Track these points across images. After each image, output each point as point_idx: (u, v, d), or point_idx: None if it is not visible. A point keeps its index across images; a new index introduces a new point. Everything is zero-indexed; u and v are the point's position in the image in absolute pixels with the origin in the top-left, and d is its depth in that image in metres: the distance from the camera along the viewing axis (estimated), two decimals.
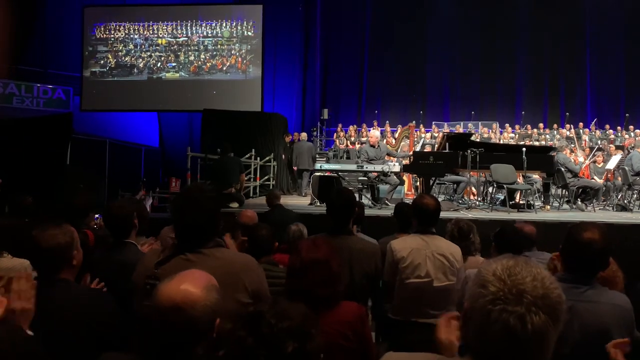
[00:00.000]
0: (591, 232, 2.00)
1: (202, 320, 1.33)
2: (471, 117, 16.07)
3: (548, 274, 1.04)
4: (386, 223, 5.71)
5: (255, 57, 16.28)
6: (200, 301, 1.33)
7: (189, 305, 1.31)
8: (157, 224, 4.65)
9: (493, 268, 1.04)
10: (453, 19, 18.02)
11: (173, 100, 16.08)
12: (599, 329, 1.91)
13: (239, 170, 7.62)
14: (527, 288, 0.99)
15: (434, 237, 2.90)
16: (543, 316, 0.97)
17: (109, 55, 16.46)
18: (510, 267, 1.03)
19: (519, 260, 1.06)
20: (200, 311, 1.33)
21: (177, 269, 1.93)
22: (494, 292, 1.00)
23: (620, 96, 17.55)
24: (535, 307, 0.98)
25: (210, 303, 1.35)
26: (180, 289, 1.33)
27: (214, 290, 1.39)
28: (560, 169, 8.01)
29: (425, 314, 2.78)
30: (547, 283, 1.01)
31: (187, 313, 1.31)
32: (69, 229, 2.01)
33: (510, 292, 0.99)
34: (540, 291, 0.99)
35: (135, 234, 2.96)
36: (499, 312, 0.98)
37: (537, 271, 1.03)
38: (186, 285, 1.34)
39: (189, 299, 1.32)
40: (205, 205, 1.99)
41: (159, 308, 1.32)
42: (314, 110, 17.60)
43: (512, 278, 1.01)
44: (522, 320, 0.97)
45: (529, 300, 0.98)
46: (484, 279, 1.04)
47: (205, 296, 1.35)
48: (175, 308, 1.30)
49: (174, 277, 1.37)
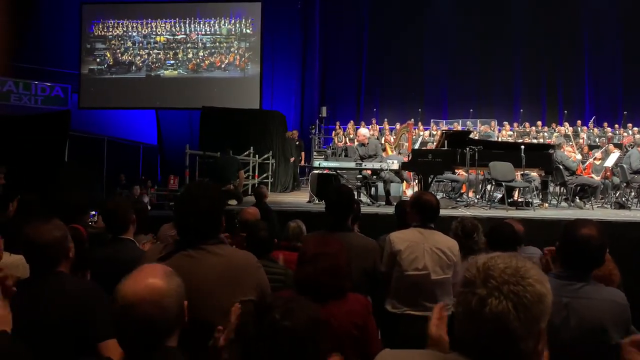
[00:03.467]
0: (587, 229, 2.00)
1: (172, 308, 1.33)
2: (469, 115, 16.08)
3: (531, 268, 1.03)
4: (384, 221, 5.73)
5: (253, 55, 16.26)
6: (164, 290, 1.32)
7: (155, 299, 1.30)
8: (156, 221, 4.66)
9: (478, 259, 1.07)
10: (451, 17, 18.01)
11: (171, 98, 16.06)
12: (595, 325, 1.92)
13: (238, 168, 7.63)
14: (495, 274, 1.01)
15: (432, 232, 2.92)
16: (505, 302, 0.98)
17: (107, 52, 16.43)
18: (492, 258, 1.05)
19: (506, 254, 1.07)
20: (167, 299, 1.32)
21: (179, 265, 1.94)
22: (468, 277, 1.04)
23: (618, 94, 17.57)
24: (498, 292, 0.99)
25: (173, 290, 1.34)
26: (143, 284, 1.31)
27: (172, 275, 1.38)
28: (559, 166, 8.03)
29: (421, 307, 2.81)
30: (521, 273, 1.01)
31: (155, 305, 1.29)
32: (60, 223, 2.04)
33: (479, 276, 1.02)
34: (507, 278, 1.00)
35: (134, 231, 2.96)
36: (465, 295, 1.02)
37: (515, 262, 1.03)
38: (146, 279, 1.32)
39: (154, 291, 1.30)
40: (207, 202, 2.00)
41: (125, 307, 1.29)
42: (313, 108, 17.59)
43: (487, 265, 1.03)
44: (482, 303, 0.99)
45: (492, 284, 1.00)
46: (467, 268, 1.07)
47: (168, 284, 1.34)
48: (143, 303, 1.28)
49: (131, 275, 1.34)
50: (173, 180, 9.50)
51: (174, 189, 9.35)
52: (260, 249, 2.72)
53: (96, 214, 5.04)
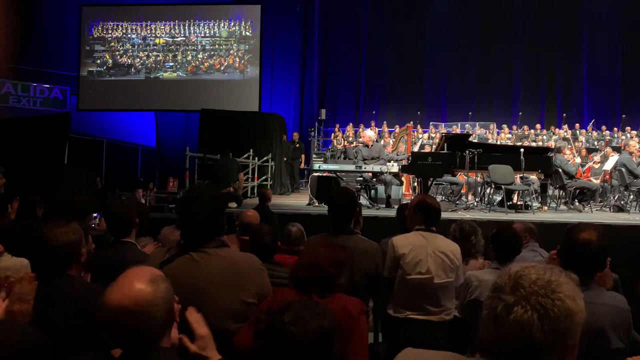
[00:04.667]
0: (589, 233, 2.00)
1: (159, 316, 1.31)
2: (468, 117, 16.10)
3: (564, 283, 1.02)
4: (385, 224, 5.73)
5: (253, 57, 16.27)
6: (150, 296, 1.30)
7: (141, 305, 1.27)
8: (156, 224, 4.65)
9: (512, 267, 1.07)
10: (451, 20, 18.07)
11: (170, 100, 16.05)
12: (597, 330, 1.91)
13: (237, 170, 7.63)
14: (525, 283, 1.01)
15: (435, 235, 2.92)
16: (530, 313, 0.98)
17: (106, 54, 16.42)
18: (526, 268, 1.05)
19: (542, 266, 1.06)
20: (153, 305, 1.30)
21: (182, 268, 1.95)
22: (498, 282, 1.04)
23: (617, 97, 17.63)
24: (525, 301, 0.99)
25: (161, 294, 1.32)
26: (128, 291, 1.28)
27: (160, 279, 1.35)
28: (558, 170, 8.04)
29: (424, 311, 2.81)
30: (552, 287, 1.01)
31: (142, 311, 1.27)
32: (77, 227, 2.05)
33: (509, 284, 1.02)
34: (537, 289, 1.00)
35: (136, 234, 2.95)
36: (492, 300, 1.02)
37: (549, 276, 1.02)
38: (132, 285, 1.29)
39: (140, 297, 1.28)
40: (210, 205, 2.02)
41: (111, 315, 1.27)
42: (312, 111, 17.61)
43: (518, 274, 1.03)
44: (508, 310, 0.99)
45: (521, 293, 0.99)
46: (500, 274, 1.07)
47: (154, 289, 1.31)
48: (128, 311, 1.26)
49: (117, 282, 1.31)
50: (172, 183, 9.49)
51: (174, 191, 9.35)
52: (265, 253, 2.72)
53: (98, 216, 5.03)
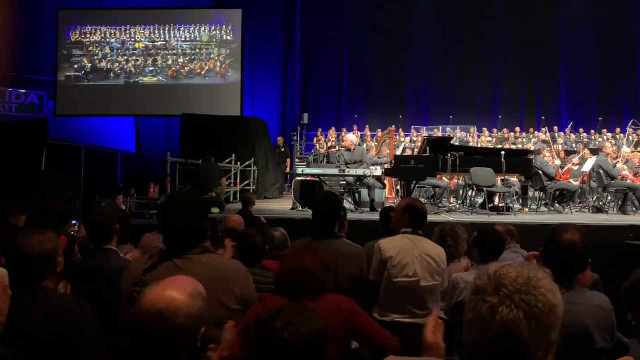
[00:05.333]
0: (572, 234, 2.02)
1: (184, 328, 1.30)
2: (449, 121, 16.26)
3: (542, 278, 1.03)
4: (368, 227, 5.73)
5: (234, 62, 16.18)
6: (183, 308, 1.30)
7: (171, 312, 1.28)
8: (137, 230, 4.57)
9: (490, 267, 1.06)
10: (431, 25, 18.27)
11: (151, 105, 15.84)
12: (580, 330, 1.93)
13: (219, 175, 7.57)
14: (506, 282, 1.00)
15: (421, 238, 2.93)
16: (515, 311, 0.98)
17: (84, 59, 16.15)
18: (504, 267, 1.05)
19: (518, 263, 1.07)
20: (183, 318, 1.30)
21: (164, 275, 1.90)
22: (478, 284, 1.03)
23: (593, 101, 18.01)
24: (509, 300, 0.98)
25: (194, 311, 1.32)
26: (164, 295, 1.30)
27: (199, 297, 1.36)
28: (538, 172, 8.15)
29: (410, 314, 2.80)
30: (533, 283, 1.01)
31: (169, 319, 1.28)
32: (53, 235, 1.98)
33: (490, 284, 1.01)
34: (519, 287, 1.00)
35: (117, 241, 2.90)
36: (475, 301, 1.01)
37: (527, 272, 1.03)
38: (171, 292, 1.31)
39: (172, 306, 1.29)
40: (192, 210, 1.99)
41: (141, 314, 1.29)
42: (294, 115, 17.59)
43: (498, 274, 1.03)
44: (493, 311, 0.98)
45: (504, 293, 0.99)
46: (478, 275, 1.06)
47: (189, 303, 1.32)
48: (157, 314, 1.27)
49: (159, 283, 1.34)
50: (153, 188, 9.36)
51: (154, 197, 9.22)
52: (253, 256, 2.69)
53: (77, 223, 4.93)
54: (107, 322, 1.98)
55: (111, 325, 1.98)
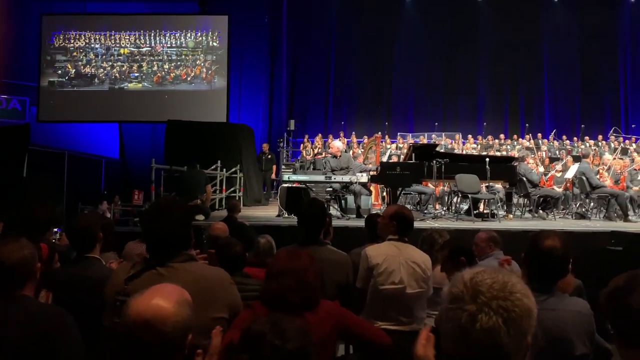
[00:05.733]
0: (552, 240, 2.04)
1: (172, 336, 1.29)
2: (435, 128, 16.39)
3: (517, 282, 1.04)
4: (355, 234, 5.73)
5: (220, 68, 16.15)
6: (171, 317, 1.29)
7: (159, 321, 1.27)
8: (121, 237, 4.52)
9: (464, 274, 1.06)
10: (417, 34, 18.42)
11: (135, 111, 15.73)
12: (562, 336, 1.94)
13: (205, 182, 7.52)
14: (483, 289, 1.01)
15: (407, 245, 2.93)
16: (495, 318, 0.98)
17: (68, 64, 15.99)
18: (479, 272, 1.05)
19: (491, 269, 1.07)
20: (170, 327, 1.29)
21: (148, 284, 1.88)
22: (454, 293, 1.03)
23: (576, 108, 18.31)
24: (487, 307, 0.99)
25: (181, 319, 1.31)
26: (151, 304, 1.28)
27: (186, 305, 1.35)
28: (522, 178, 8.23)
29: (396, 321, 2.80)
30: (509, 288, 1.01)
31: (157, 329, 1.27)
32: (28, 243, 1.94)
33: (467, 292, 1.01)
34: (496, 293, 1.00)
35: (100, 249, 2.86)
36: (454, 311, 1.01)
37: (502, 277, 1.03)
38: (157, 300, 1.29)
39: (159, 315, 1.28)
40: (176, 218, 1.97)
41: (128, 323, 1.28)
42: (281, 121, 17.58)
43: (474, 281, 1.03)
44: (473, 319, 0.98)
45: (482, 300, 0.99)
46: (452, 283, 1.06)
47: (176, 311, 1.31)
48: (145, 323, 1.26)
49: (145, 292, 1.33)
50: (138, 195, 9.26)
51: (139, 204, 9.11)
52: (234, 265, 2.67)
53: (59, 231, 4.84)
54: (89, 331, 1.94)
55: (93, 334, 1.95)
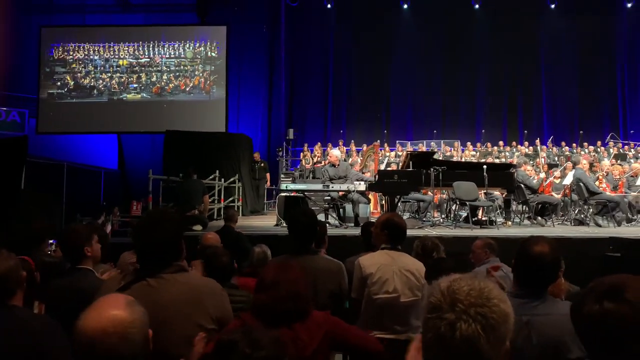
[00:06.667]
0: (542, 246, 2.04)
1: (137, 339, 1.30)
2: (433, 135, 16.42)
3: (493, 288, 1.04)
4: (351, 243, 5.71)
5: (219, 78, 16.23)
6: (129, 321, 1.29)
7: (120, 330, 1.26)
8: (118, 249, 4.49)
9: (441, 282, 1.07)
10: (415, 42, 18.51)
11: (134, 122, 15.79)
12: (556, 341, 1.93)
13: (202, 192, 7.52)
14: (461, 297, 1.01)
15: (400, 254, 2.92)
16: (474, 325, 0.98)
17: (67, 76, 16.08)
18: (455, 280, 1.06)
19: (467, 275, 1.07)
20: (133, 330, 1.29)
21: (138, 295, 1.87)
22: (433, 302, 1.03)
23: (575, 114, 18.34)
24: (466, 315, 0.99)
25: (139, 316, 1.32)
26: (104, 317, 1.27)
27: (135, 304, 1.35)
28: (520, 185, 8.22)
29: (391, 330, 2.79)
30: (485, 294, 1.02)
31: (123, 337, 1.26)
32: (8, 252, 1.95)
33: (445, 300, 1.02)
34: (474, 300, 1.01)
35: (94, 260, 2.85)
36: (433, 320, 1.01)
37: (478, 284, 1.04)
38: (108, 311, 1.28)
39: (119, 324, 1.27)
40: (167, 229, 1.97)
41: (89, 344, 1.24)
42: (280, 130, 17.62)
43: (451, 289, 1.03)
44: (452, 327, 0.99)
45: (460, 308, 1.00)
46: (430, 292, 1.07)
47: (131, 314, 1.31)
48: (107, 337, 1.24)
49: (92, 309, 1.30)
50: (136, 206, 9.26)
51: (138, 215, 9.12)
52: (221, 275, 2.65)
53: (55, 242, 4.84)
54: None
55: None
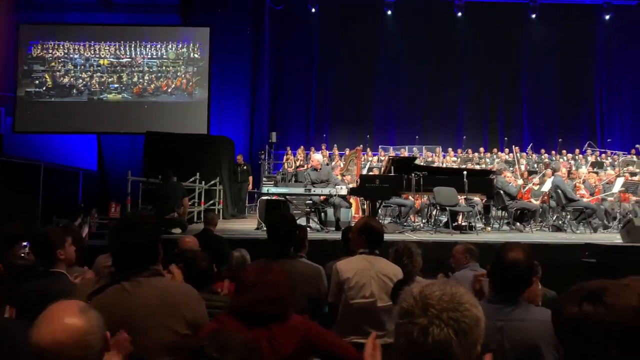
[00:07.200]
0: (517, 252, 2.08)
1: (96, 342, 1.27)
2: (415, 141, 16.54)
3: (465, 293, 1.05)
4: (332, 247, 5.70)
5: (201, 80, 16.10)
6: (86, 328, 1.25)
7: (78, 339, 1.23)
8: (95, 251, 4.41)
9: (413, 288, 1.07)
10: (399, 48, 18.63)
11: (115, 122, 15.56)
12: (530, 346, 1.96)
13: (182, 195, 7.44)
14: (433, 302, 1.02)
15: (378, 258, 2.93)
16: (446, 330, 0.99)
17: (46, 75, 15.78)
18: (427, 285, 1.06)
19: (440, 280, 1.08)
20: (90, 336, 1.26)
21: (112, 299, 1.84)
22: (405, 307, 1.04)
23: (554, 122, 18.67)
24: (438, 320, 0.99)
25: (94, 321, 1.28)
26: (60, 326, 1.22)
27: (89, 310, 1.31)
28: (500, 191, 8.32)
29: (367, 334, 2.77)
30: (457, 298, 1.03)
31: (81, 343, 1.23)
32: None
33: (417, 305, 1.02)
34: (445, 305, 1.01)
35: (68, 264, 2.79)
36: (405, 325, 1.01)
37: (450, 289, 1.05)
38: (62, 321, 1.23)
39: (75, 333, 1.23)
40: (143, 232, 1.94)
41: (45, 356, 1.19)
42: (262, 133, 17.53)
43: (423, 294, 1.04)
44: (424, 332, 0.99)
45: (432, 313, 1.00)
46: (402, 298, 1.07)
47: (87, 320, 1.27)
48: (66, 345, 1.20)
49: (43, 321, 1.25)
50: (115, 208, 9.12)
51: (116, 217, 8.96)
52: (200, 280, 2.62)
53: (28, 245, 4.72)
54: None
55: None
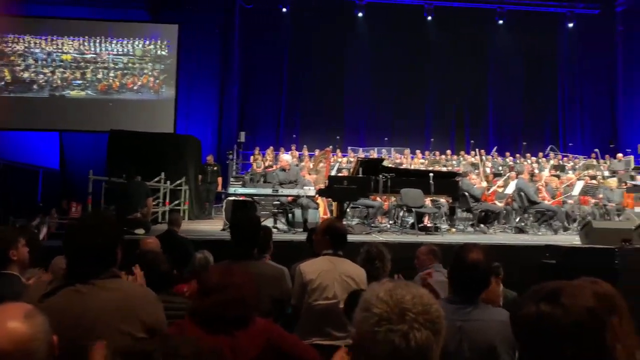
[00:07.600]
0: (476, 254, 2.11)
1: (42, 348, 1.21)
2: (385, 143, 16.68)
3: (426, 292, 1.08)
4: (299, 248, 5.67)
5: (169, 78, 15.83)
6: (30, 335, 1.20)
7: (21, 347, 1.17)
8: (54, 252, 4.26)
9: (376, 291, 1.06)
10: (368, 50, 18.78)
11: (77, 120, 15.11)
12: (487, 345, 1.99)
13: (146, 195, 7.28)
14: (408, 306, 1.02)
15: (342, 260, 2.93)
16: (425, 332, 1.00)
17: (5, 69, 15.21)
18: (392, 289, 1.06)
19: (399, 282, 1.09)
20: (36, 340, 1.20)
21: (65, 301, 1.76)
22: (378, 314, 1.02)
23: (518, 126, 19.19)
24: (417, 323, 1.01)
25: (40, 327, 1.23)
26: (2, 334, 1.16)
27: (34, 313, 1.25)
28: (465, 193, 8.46)
29: (329, 336, 2.79)
30: (426, 300, 1.05)
31: (25, 351, 1.17)
32: None
33: (393, 311, 1.01)
34: (420, 308, 1.02)
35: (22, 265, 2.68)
36: (384, 333, 1.00)
37: (415, 290, 1.07)
38: (5, 326, 1.17)
39: (18, 340, 1.17)
40: (101, 232, 1.87)
41: None
42: (231, 133, 17.35)
43: (395, 298, 1.04)
44: (406, 338, 0.99)
45: (410, 317, 1.01)
46: (368, 302, 1.05)
47: (32, 324, 1.21)
48: (9, 354, 1.15)
49: None
50: (75, 208, 8.85)
51: (77, 217, 8.71)
52: (160, 283, 2.56)
53: None
54: None
55: None
